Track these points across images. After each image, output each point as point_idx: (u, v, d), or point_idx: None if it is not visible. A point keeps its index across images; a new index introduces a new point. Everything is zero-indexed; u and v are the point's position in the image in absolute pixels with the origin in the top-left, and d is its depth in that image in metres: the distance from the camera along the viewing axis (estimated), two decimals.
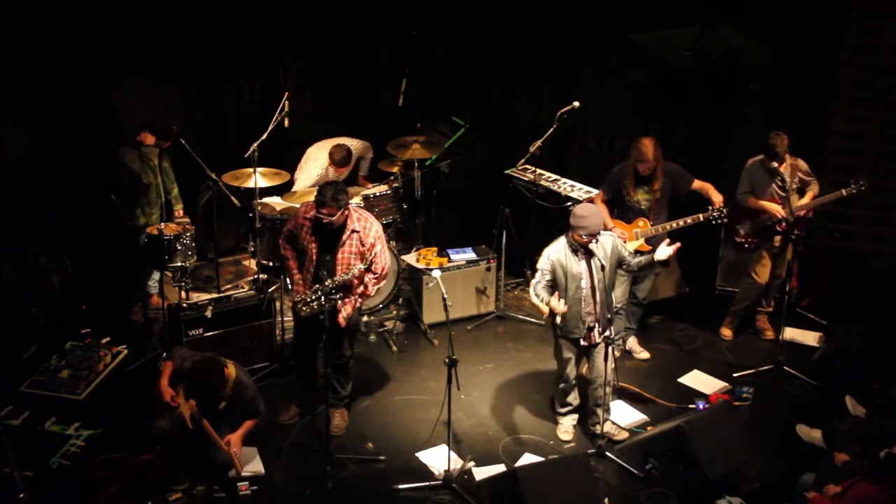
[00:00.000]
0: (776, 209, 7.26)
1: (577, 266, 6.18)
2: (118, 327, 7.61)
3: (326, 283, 6.22)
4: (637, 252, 6.94)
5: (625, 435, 6.59)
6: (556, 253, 6.19)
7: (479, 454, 6.45)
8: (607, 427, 6.48)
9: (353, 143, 8.31)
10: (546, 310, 6.14)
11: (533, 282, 6.27)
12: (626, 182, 7.09)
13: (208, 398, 5.88)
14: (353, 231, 6.30)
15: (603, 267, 6.04)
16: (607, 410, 6.46)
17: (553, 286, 6.22)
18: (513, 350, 7.77)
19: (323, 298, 6.18)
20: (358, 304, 6.45)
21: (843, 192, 7.25)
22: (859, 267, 8.36)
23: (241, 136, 8.05)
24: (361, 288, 6.39)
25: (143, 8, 7.87)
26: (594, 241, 6.11)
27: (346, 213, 6.27)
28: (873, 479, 5.14)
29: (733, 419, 6.34)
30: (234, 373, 5.94)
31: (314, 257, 6.34)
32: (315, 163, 8.23)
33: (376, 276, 6.39)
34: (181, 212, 7.69)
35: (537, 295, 6.21)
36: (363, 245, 6.32)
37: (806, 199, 7.34)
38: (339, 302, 6.26)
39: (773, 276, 7.59)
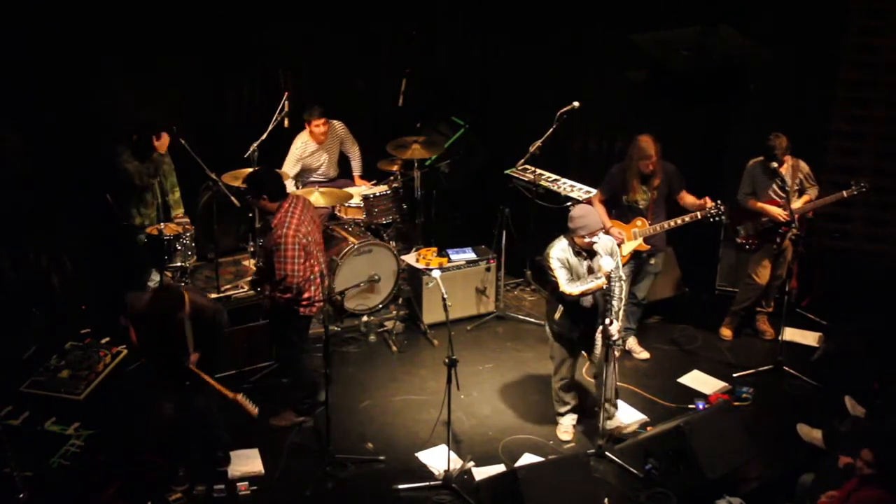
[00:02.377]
0: (777, 212, 7.26)
1: (581, 268, 6.18)
2: (118, 327, 7.59)
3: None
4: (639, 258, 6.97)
5: (633, 428, 6.57)
6: (562, 252, 6.18)
7: (479, 454, 6.46)
8: (614, 424, 6.48)
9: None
10: (604, 281, 6.04)
11: (562, 284, 6.13)
12: (632, 182, 7.06)
13: (174, 324, 5.72)
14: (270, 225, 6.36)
15: (609, 273, 6.03)
16: (615, 406, 6.49)
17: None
18: (513, 350, 7.77)
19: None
20: (275, 300, 6.27)
21: (844, 193, 7.25)
22: (859, 267, 8.36)
23: (241, 136, 8.06)
24: (274, 289, 6.26)
25: (144, 7, 7.86)
26: (596, 241, 6.11)
27: (273, 207, 6.24)
28: (878, 483, 5.13)
29: (733, 419, 6.33)
30: (186, 293, 5.82)
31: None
32: (291, 153, 8.27)
33: (279, 282, 6.19)
34: (181, 215, 7.67)
35: (576, 287, 6.09)
36: (278, 239, 6.20)
37: (800, 203, 7.32)
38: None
39: (774, 277, 7.59)
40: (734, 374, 7.32)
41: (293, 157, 8.23)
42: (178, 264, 7.17)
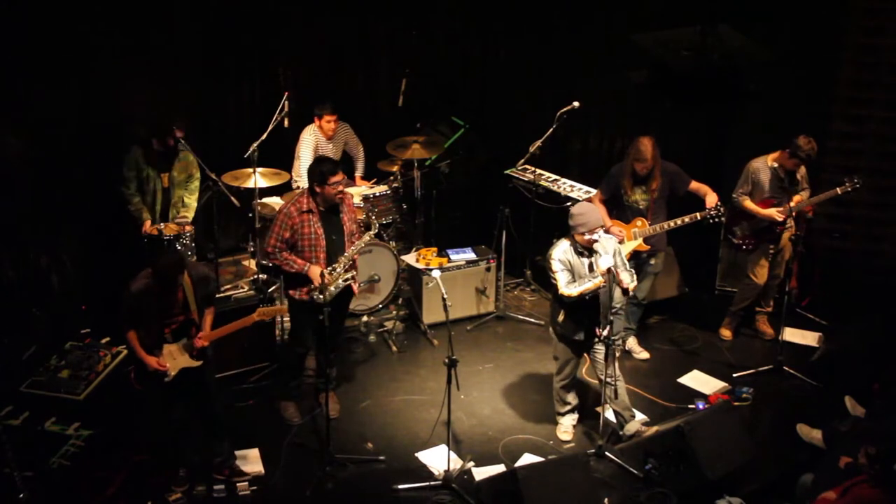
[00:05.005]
0: (773, 213, 7.25)
1: (583, 268, 6.18)
2: (118, 327, 7.58)
3: (342, 261, 6.37)
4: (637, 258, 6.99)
5: (654, 430, 6.56)
6: (563, 254, 6.19)
7: (479, 454, 6.46)
8: (633, 428, 6.49)
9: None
10: (602, 280, 6.03)
11: (561, 287, 6.15)
12: (623, 182, 7.10)
13: (175, 286, 5.77)
14: (342, 199, 6.45)
15: (609, 270, 6.02)
16: (630, 412, 6.50)
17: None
18: (512, 350, 7.77)
19: (341, 279, 6.37)
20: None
21: (839, 190, 7.22)
22: (859, 267, 8.36)
23: (241, 136, 8.05)
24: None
25: (145, 7, 7.86)
26: (596, 240, 6.11)
27: None
28: (876, 482, 5.13)
29: (733, 419, 6.33)
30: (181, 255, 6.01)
31: (324, 244, 6.38)
32: (305, 144, 8.27)
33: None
34: (180, 216, 7.59)
35: (575, 289, 6.11)
36: (352, 209, 6.57)
37: (793, 202, 7.31)
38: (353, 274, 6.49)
39: (772, 277, 7.60)
40: (734, 374, 7.32)
41: (308, 147, 8.24)
42: None
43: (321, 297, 6.24)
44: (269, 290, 7.37)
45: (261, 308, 6.11)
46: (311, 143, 8.27)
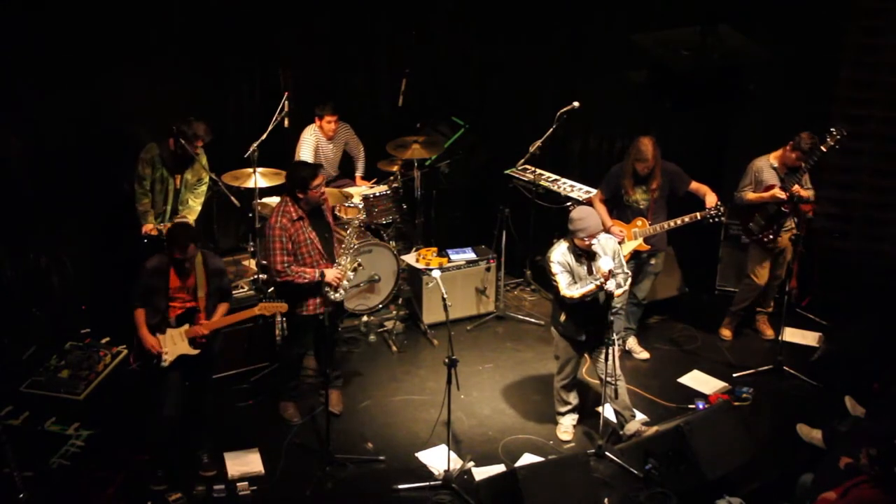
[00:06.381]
0: (775, 192, 7.21)
1: (582, 269, 6.19)
2: (118, 327, 7.59)
3: (341, 254, 6.40)
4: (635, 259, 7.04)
5: (654, 430, 6.56)
6: (562, 256, 6.20)
7: (479, 454, 6.46)
8: (633, 428, 6.48)
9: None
10: (602, 280, 6.02)
11: (561, 288, 6.16)
12: (624, 181, 7.10)
13: (186, 258, 5.82)
14: (324, 199, 6.49)
15: (610, 271, 6.02)
16: (630, 412, 6.50)
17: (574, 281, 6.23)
18: (512, 350, 7.77)
19: (349, 270, 6.41)
20: None
21: (823, 147, 7.15)
22: (859, 267, 8.36)
23: (241, 136, 8.05)
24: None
25: (143, 7, 7.85)
26: (595, 242, 6.11)
27: None
28: (877, 483, 5.13)
29: (733, 419, 6.33)
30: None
31: (320, 245, 6.39)
32: (305, 144, 8.29)
33: None
34: (181, 216, 7.58)
35: (576, 290, 6.11)
36: (326, 202, 6.60)
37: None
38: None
39: (772, 277, 7.60)
40: (734, 374, 7.32)
41: (309, 147, 8.26)
42: None
43: (337, 295, 6.35)
44: (269, 290, 7.36)
45: (263, 303, 6.13)
46: (311, 143, 8.28)
